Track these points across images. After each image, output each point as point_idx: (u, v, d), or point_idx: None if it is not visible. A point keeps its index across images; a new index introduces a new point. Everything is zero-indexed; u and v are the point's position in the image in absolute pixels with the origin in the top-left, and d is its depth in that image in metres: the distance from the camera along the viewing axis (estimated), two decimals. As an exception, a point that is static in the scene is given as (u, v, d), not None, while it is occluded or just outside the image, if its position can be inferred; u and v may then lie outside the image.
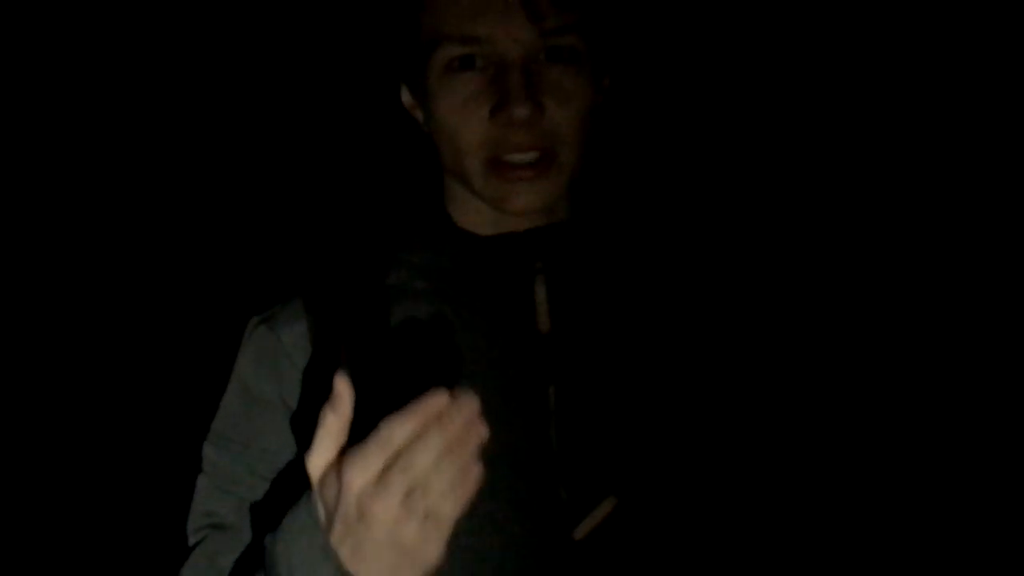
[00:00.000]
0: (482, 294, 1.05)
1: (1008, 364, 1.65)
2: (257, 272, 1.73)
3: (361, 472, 0.79)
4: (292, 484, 1.05)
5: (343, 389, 0.81)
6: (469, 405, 0.80)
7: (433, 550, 0.81)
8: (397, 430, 0.79)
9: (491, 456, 0.99)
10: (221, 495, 1.07)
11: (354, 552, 0.81)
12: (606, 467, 1.00)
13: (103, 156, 1.81)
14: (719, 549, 1.02)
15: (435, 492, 0.79)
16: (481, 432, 0.80)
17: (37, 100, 1.77)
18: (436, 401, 0.79)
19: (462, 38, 0.98)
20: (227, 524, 1.07)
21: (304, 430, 1.05)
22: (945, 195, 1.73)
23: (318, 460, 0.83)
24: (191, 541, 1.09)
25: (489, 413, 1.00)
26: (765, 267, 1.14)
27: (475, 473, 0.81)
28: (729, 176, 1.71)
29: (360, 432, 0.96)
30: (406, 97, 1.09)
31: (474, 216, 1.07)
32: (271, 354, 1.08)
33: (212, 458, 1.09)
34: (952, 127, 1.73)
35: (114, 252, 1.81)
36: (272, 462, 1.06)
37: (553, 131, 0.99)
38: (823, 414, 1.11)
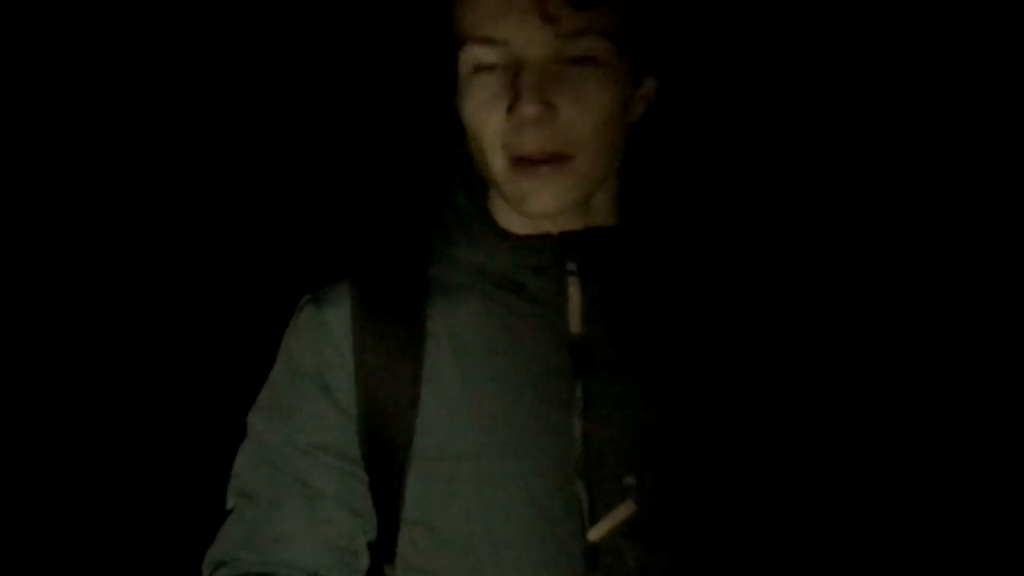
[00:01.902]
0: (517, 291, 1.08)
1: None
2: (310, 259, 1.78)
3: None
4: (329, 461, 1.10)
5: None
6: None
7: None
8: None
9: (513, 449, 1.04)
10: (258, 464, 1.12)
11: None
12: (627, 470, 1.03)
13: (149, 146, 1.84)
14: (735, 559, 1.05)
15: None
16: None
17: (54, 101, 1.79)
18: None
19: (482, 39, 1.01)
20: (258, 494, 1.11)
21: (341, 410, 1.10)
22: (977, 205, 1.72)
23: None
24: (228, 506, 1.14)
25: (515, 409, 1.05)
26: (798, 281, 1.17)
27: None
28: (773, 189, 1.72)
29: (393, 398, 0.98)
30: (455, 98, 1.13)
31: (510, 215, 1.09)
32: (315, 332, 1.12)
33: (255, 427, 1.13)
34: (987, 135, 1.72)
35: (173, 238, 1.86)
36: (308, 436, 1.10)
37: (567, 133, 1.00)
38: (851, 427, 1.13)
